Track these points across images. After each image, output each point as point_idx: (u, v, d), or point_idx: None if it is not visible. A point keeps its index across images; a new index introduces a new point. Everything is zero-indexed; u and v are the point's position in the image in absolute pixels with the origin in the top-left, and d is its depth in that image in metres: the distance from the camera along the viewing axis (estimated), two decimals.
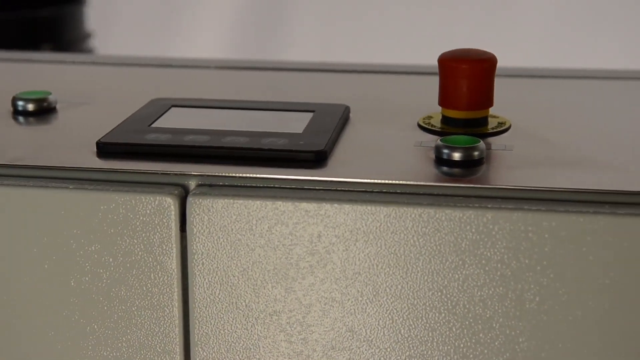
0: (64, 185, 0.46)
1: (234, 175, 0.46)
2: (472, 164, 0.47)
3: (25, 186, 0.46)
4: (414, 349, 0.45)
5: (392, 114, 0.55)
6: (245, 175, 0.46)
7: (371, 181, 0.45)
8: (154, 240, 0.45)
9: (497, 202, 0.43)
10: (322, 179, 0.45)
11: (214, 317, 0.46)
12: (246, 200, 0.44)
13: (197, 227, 0.45)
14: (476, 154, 0.47)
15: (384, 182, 0.45)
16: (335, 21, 1.70)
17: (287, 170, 0.46)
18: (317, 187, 0.45)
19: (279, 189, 0.45)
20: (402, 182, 0.45)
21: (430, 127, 0.52)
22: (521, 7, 1.60)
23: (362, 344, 0.45)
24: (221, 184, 0.46)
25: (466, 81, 0.51)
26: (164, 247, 0.45)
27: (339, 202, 0.44)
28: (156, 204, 0.45)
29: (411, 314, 0.44)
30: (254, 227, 0.44)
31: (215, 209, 0.45)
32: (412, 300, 0.44)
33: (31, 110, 0.55)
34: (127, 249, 0.45)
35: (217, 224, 0.45)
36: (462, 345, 0.44)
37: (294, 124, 0.52)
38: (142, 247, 0.45)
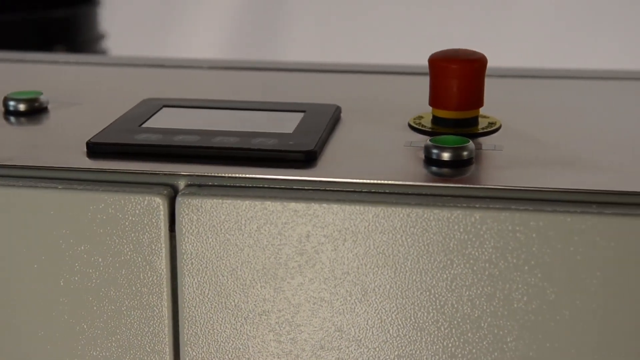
0: (53, 185, 0.46)
1: (224, 175, 0.46)
2: (461, 164, 0.47)
3: (14, 186, 0.46)
4: (403, 348, 0.45)
5: (383, 114, 0.56)
6: (234, 175, 0.46)
7: (360, 181, 0.45)
8: (143, 240, 0.45)
9: (485, 202, 0.43)
10: (312, 179, 0.45)
11: (204, 317, 0.46)
12: (235, 200, 0.44)
13: (186, 227, 0.45)
14: (465, 154, 0.47)
15: (373, 182, 0.45)
16: (332, 21, 1.70)
17: (276, 170, 0.46)
18: (306, 187, 0.45)
19: (268, 189, 0.45)
20: (391, 182, 0.45)
21: (420, 127, 0.52)
22: (518, 7, 1.60)
23: (350, 344, 0.45)
24: (210, 184, 0.46)
25: (456, 81, 0.51)
26: (153, 247, 0.45)
27: (327, 202, 0.44)
28: (145, 204, 0.45)
29: (400, 314, 0.44)
30: (243, 227, 0.45)
31: (204, 209, 0.45)
32: (401, 299, 0.44)
33: (22, 110, 0.56)
34: (116, 249, 0.46)
35: (206, 224, 0.45)
36: (450, 344, 0.44)
37: (285, 124, 0.52)
38: (131, 247, 0.45)
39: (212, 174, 0.46)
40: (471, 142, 0.47)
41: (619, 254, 0.42)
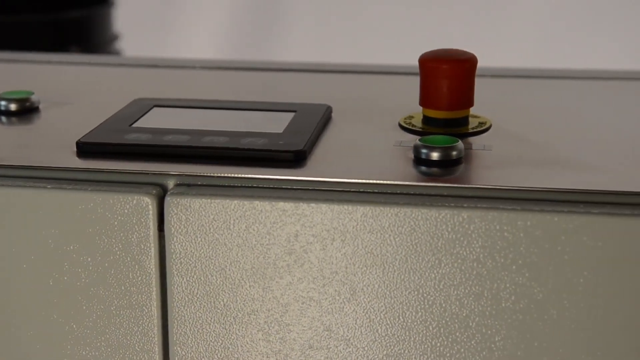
0: (42, 185, 0.46)
1: (213, 175, 0.46)
2: (450, 164, 0.47)
3: (3, 186, 0.46)
4: (391, 347, 0.45)
5: (374, 114, 0.56)
6: (223, 175, 0.46)
7: (349, 181, 0.45)
8: (132, 239, 0.45)
9: (473, 202, 0.43)
10: (300, 178, 0.45)
11: (193, 316, 0.46)
12: (224, 199, 0.44)
13: (175, 226, 0.45)
14: (454, 153, 0.47)
15: (362, 181, 0.45)
16: (331, 21, 1.70)
17: (265, 170, 0.46)
18: (295, 187, 0.45)
19: (257, 188, 0.45)
20: (379, 182, 0.45)
21: (411, 127, 0.52)
22: (518, 7, 1.61)
23: (339, 343, 0.45)
24: (199, 183, 0.46)
25: (446, 81, 0.51)
26: (142, 247, 0.45)
27: (316, 202, 0.44)
28: (134, 203, 0.45)
29: (388, 313, 0.44)
30: (231, 226, 0.45)
31: (193, 209, 0.45)
32: (389, 299, 0.44)
33: (14, 110, 0.56)
34: (105, 249, 0.46)
35: (195, 224, 0.45)
36: (438, 343, 0.44)
37: (275, 124, 0.52)
38: (120, 246, 0.45)
39: (201, 174, 0.46)
40: (460, 142, 0.47)
41: (606, 253, 0.42)
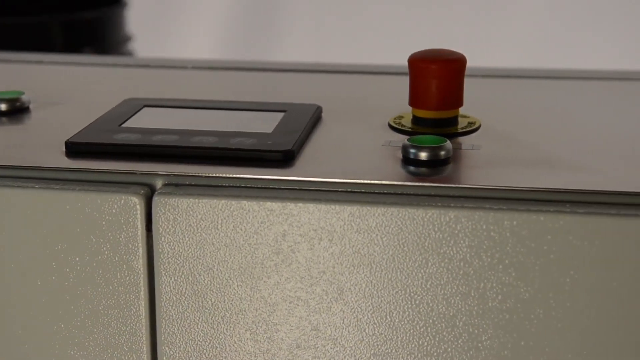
0: (30, 184, 0.46)
1: (201, 174, 0.46)
2: (438, 164, 0.47)
3: None
4: (378, 347, 0.45)
5: (364, 114, 0.56)
6: (211, 174, 0.46)
7: (337, 180, 0.45)
8: (120, 239, 0.45)
9: (459, 202, 0.43)
10: (288, 178, 0.45)
11: (180, 316, 0.46)
12: (211, 199, 0.45)
13: (163, 226, 0.45)
14: (442, 153, 0.47)
15: (350, 181, 0.45)
16: (330, 22, 1.70)
17: (253, 169, 0.46)
18: (282, 187, 0.45)
19: (245, 188, 0.45)
20: (367, 182, 0.45)
21: (400, 127, 0.53)
22: (515, 7, 1.61)
23: (327, 342, 0.45)
24: (187, 183, 0.46)
25: (435, 81, 0.51)
26: (130, 247, 0.45)
27: (303, 202, 0.44)
28: (122, 203, 0.45)
29: (375, 313, 0.44)
30: (219, 226, 0.45)
31: (181, 209, 0.45)
32: (376, 298, 0.44)
33: (3, 110, 0.56)
34: (93, 248, 0.46)
35: (183, 224, 0.45)
36: (425, 343, 0.44)
37: (264, 124, 0.52)
38: (108, 246, 0.46)
39: (189, 174, 0.46)
40: (448, 141, 0.47)
41: (592, 253, 0.42)
